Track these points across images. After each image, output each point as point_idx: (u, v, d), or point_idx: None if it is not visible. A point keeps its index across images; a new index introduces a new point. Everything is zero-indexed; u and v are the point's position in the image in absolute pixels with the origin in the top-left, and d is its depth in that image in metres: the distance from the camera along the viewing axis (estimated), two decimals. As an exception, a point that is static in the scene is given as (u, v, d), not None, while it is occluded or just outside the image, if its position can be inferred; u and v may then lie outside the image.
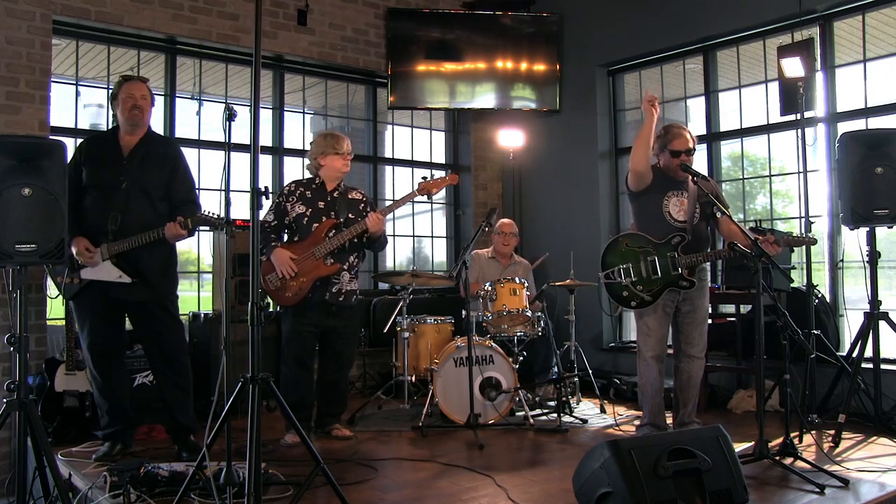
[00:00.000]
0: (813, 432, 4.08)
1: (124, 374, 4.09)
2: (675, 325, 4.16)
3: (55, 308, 4.77)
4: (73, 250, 3.66)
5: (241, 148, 2.97)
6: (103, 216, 3.71)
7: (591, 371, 5.35)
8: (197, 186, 4.09)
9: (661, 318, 4.07)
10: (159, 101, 5.64)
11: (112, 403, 3.85)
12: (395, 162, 7.04)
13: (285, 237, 4.36)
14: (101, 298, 3.77)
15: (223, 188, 3.01)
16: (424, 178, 4.44)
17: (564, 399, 4.75)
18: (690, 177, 4.00)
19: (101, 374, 3.83)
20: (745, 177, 5.94)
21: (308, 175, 4.47)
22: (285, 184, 4.54)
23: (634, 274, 4.04)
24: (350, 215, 4.31)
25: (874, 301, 4.21)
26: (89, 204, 3.77)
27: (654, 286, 4.02)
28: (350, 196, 4.40)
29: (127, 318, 3.97)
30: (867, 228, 4.23)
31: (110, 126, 5.36)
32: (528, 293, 5.05)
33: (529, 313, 4.92)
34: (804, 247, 4.64)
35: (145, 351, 4.03)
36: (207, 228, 3.86)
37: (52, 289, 4.43)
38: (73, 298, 3.82)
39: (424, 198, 4.48)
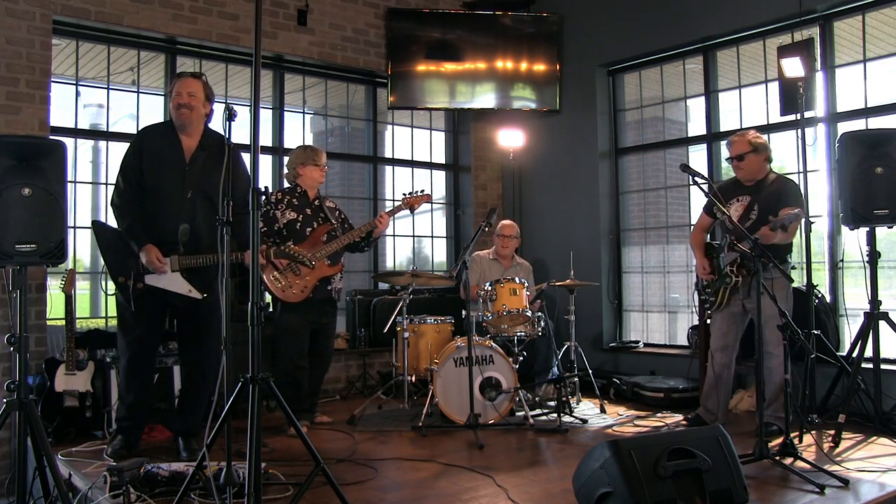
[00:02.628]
0: (813, 432, 4.08)
1: (152, 371, 4.16)
2: (751, 322, 4.38)
3: (55, 308, 4.77)
4: (144, 259, 3.64)
5: (241, 148, 2.97)
6: (170, 225, 3.64)
7: (591, 371, 5.34)
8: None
9: (725, 316, 4.42)
10: (158, 102, 5.66)
11: (138, 395, 3.84)
12: (395, 162, 7.04)
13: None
14: (158, 301, 3.78)
15: (223, 188, 3.01)
16: (405, 194, 4.87)
17: (564, 399, 4.75)
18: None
19: (138, 367, 3.83)
20: (745, 177, 5.94)
21: (286, 183, 4.83)
22: (270, 192, 4.63)
23: (705, 280, 4.56)
24: (334, 222, 4.70)
25: (874, 301, 4.21)
26: (154, 210, 3.71)
27: (715, 287, 4.42)
28: (327, 204, 4.78)
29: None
30: (867, 228, 4.23)
31: (110, 127, 5.43)
32: (528, 293, 5.05)
33: (529, 313, 4.93)
34: (804, 245, 4.66)
35: (181, 350, 4.06)
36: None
37: (52, 292, 4.44)
38: (134, 301, 3.74)
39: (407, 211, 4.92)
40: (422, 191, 4.86)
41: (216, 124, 3.77)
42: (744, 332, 4.49)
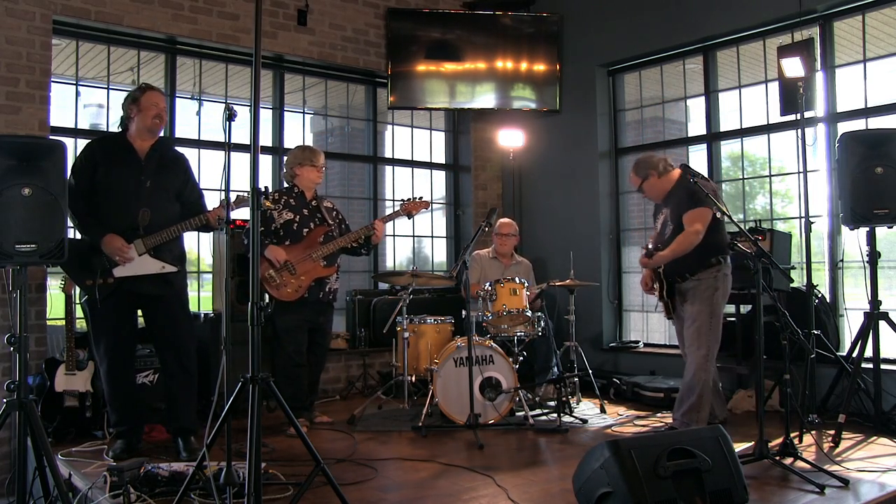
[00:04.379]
0: (813, 432, 4.08)
1: (134, 374, 4.17)
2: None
3: (55, 308, 4.77)
4: (107, 249, 3.69)
5: (241, 148, 2.97)
6: (130, 213, 3.75)
7: (591, 371, 5.34)
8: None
9: (678, 322, 4.46)
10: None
11: (125, 401, 3.88)
12: (395, 162, 7.04)
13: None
14: (126, 298, 3.81)
15: (223, 188, 3.02)
16: (404, 200, 4.88)
17: (564, 399, 4.75)
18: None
19: (118, 372, 3.85)
20: (745, 177, 5.94)
21: (284, 183, 4.84)
22: (270, 192, 4.65)
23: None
24: (331, 223, 4.72)
25: (874, 301, 4.21)
26: (113, 203, 3.79)
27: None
28: (324, 205, 4.78)
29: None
30: (867, 228, 4.23)
31: (110, 127, 5.43)
32: (527, 292, 5.05)
33: (529, 313, 4.92)
34: (804, 245, 4.67)
35: (157, 348, 4.08)
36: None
37: (52, 292, 4.43)
38: (104, 300, 3.75)
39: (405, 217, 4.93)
40: (420, 197, 4.90)
41: (216, 124, 3.82)
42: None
